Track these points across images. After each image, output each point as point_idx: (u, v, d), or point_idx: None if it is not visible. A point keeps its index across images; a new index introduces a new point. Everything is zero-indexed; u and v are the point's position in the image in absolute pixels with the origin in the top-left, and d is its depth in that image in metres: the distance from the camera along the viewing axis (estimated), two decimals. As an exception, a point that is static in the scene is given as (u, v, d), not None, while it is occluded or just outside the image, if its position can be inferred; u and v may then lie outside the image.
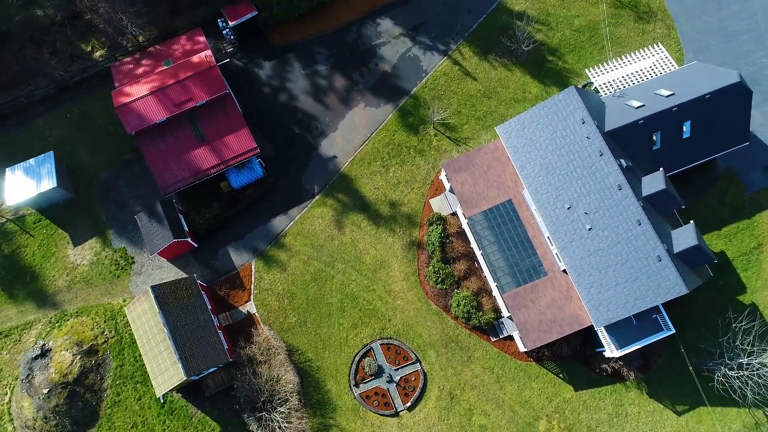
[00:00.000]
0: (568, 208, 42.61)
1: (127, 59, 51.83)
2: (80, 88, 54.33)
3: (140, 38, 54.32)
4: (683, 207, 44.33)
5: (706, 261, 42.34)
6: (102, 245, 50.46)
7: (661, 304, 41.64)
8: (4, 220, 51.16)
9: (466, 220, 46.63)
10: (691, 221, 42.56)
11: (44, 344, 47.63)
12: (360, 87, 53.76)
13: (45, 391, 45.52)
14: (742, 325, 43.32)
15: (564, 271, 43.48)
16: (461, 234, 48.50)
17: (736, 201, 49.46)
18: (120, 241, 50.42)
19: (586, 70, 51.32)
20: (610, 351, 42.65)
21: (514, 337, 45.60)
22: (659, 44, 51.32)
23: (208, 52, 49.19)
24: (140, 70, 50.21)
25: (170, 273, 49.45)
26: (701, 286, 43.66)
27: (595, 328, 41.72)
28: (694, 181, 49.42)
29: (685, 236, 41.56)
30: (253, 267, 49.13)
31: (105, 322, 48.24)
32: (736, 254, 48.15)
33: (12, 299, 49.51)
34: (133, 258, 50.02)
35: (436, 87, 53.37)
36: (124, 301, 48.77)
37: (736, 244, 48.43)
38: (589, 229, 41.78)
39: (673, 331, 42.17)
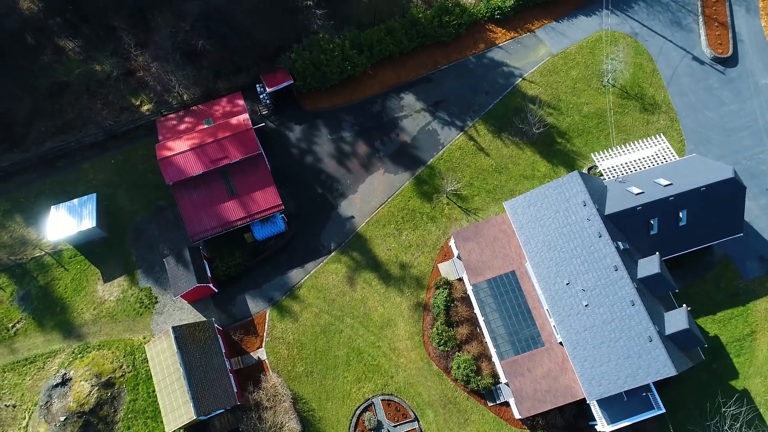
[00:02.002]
0: (567, 284, 45.32)
1: (172, 115, 57.03)
2: (126, 138, 59.46)
3: (185, 96, 59.73)
4: (677, 291, 46.73)
5: (697, 345, 44.36)
6: (129, 283, 54.04)
7: (653, 383, 43.51)
8: (43, 253, 55.24)
9: (471, 287, 49.45)
10: (684, 305, 44.87)
11: (65, 373, 50.56)
12: (381, 154, 58.08)
13: (62, 418, 48.09)
14: (731, 410, 44.74)
15: (560, 343, 45.74)
16: (466, 299, 51.21)
17: (731, 287, 51.69)
18: (146, 281, 53.97)
19: (592, 155, 55.07)
20: (602, 425, 44.20)
21: (510, 403, 47.41)
22: (662, 135, 55.09)
23: (246, 116, 54.10)
24: (183, 127, 55.21)
25: (190, 315, 52.61)
26: (695, 367, 45.47)
27: (588, 401, 43.51)
28: (691, 265, 51.94)
29: (677, 319, 43.80)
30: (267, 315, 52.12)
31: (124, 356, 51.19)
32: (730, 339, 49.95)
33: (41, 328, 52.88)
34: (156, 298, 53.38)
35: (452, 159, 57.46)
36: (144, 338, 51.83)
37: (730, 329, 50.32)
38: (586, 306, 44.32)
39: (663, 410, 43.75)
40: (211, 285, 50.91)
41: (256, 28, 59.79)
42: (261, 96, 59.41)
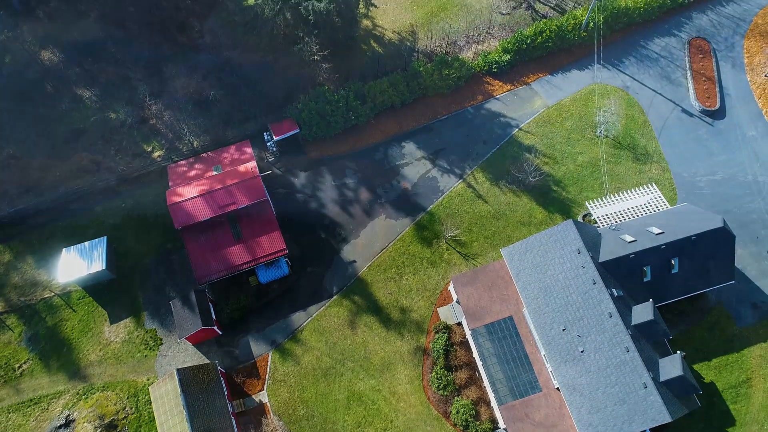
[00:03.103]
0: (563, 330, 46.44)
1: (182, 162, 59.43)
2: (137, 182, 61.70)
3: (195, 144, 62.30)
4: (671, 337, 47.75)
5: (692, 391, 45.07)
6: (135, 325, 55.18)
7: (649, 429, 44.02)
8: (53, 294, 56.64)
9: (470, 332, 50.53)
10: (678, 351, 45.84)
11: (69, 414, 51.21)
12: (382, 200, 60.11)
13: (64, 461, 48.47)
14: (728, 459, 45.08)
15: (558, 389, 46.49)
16: (465, 344, 52.18)
17: (725, 334, 52.62)
18: (152, 323, 55.13)
19: (587, 203, 57.01)
20: (600, 472, 44.45)
21: (509, 449, 47.76)
22: (653, 185, 57.13)
23: (254, 163, 56.42)
24: (192, 173, 57.49)
25: (194, 357, 53.55)
26: (692, 414, 46.02)
27: (585, 448, 43.96)
28: (686, 311, 53.03)
29: (671, 366, 44.69)
30: (269, 358, 53.04)
31: (128, 398, 51.88)
32: (726, 386, 50.57)
33: (47, 369, 53.77)
34: (161, 339, 54.44)
35: (451, 206, 59.40)
36: (148, 379, 52.63)
37: (725, 376, 51.00)
38: (582, 352, 45.31)
39: (660, 457, 44.15)
40: (215, 327, 52.05)
41: (264, 79, 62.96)
42: (268, 144, 61.92)
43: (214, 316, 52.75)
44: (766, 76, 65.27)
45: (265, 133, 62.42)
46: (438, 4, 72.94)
